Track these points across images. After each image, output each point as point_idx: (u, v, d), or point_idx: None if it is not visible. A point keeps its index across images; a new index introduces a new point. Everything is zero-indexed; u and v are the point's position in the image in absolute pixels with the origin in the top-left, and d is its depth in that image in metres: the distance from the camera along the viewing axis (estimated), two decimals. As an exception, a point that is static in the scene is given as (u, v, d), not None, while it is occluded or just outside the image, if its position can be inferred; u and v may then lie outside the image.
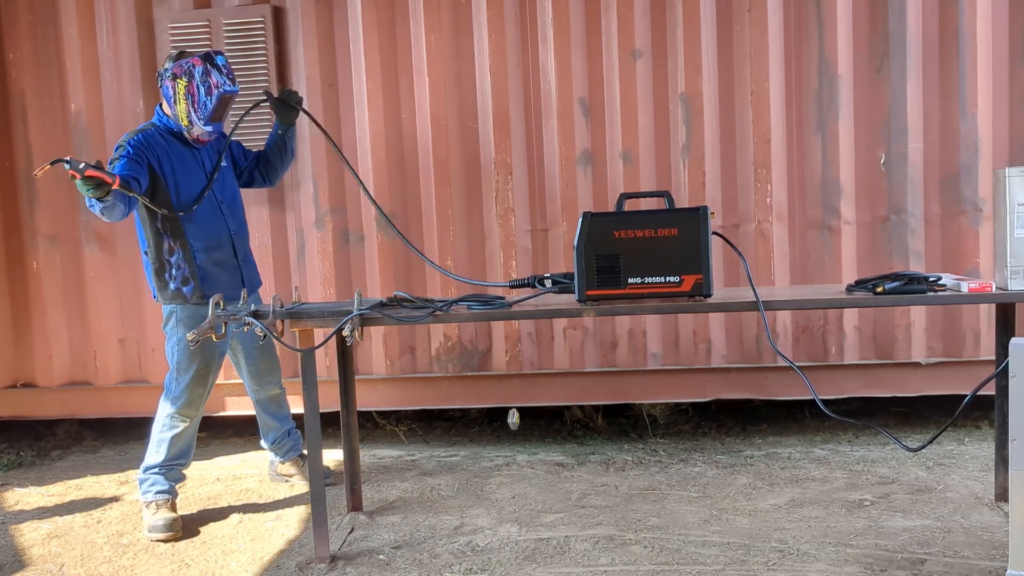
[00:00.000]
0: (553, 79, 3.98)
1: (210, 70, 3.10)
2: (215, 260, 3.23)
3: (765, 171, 3.90)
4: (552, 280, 2.91)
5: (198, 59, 3.11)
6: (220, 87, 3.11)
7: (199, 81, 3.10)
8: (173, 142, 3.20)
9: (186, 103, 3.12)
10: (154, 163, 3.11)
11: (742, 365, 3.99)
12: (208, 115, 3.13)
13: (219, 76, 3.11)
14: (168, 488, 3.22)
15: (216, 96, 3.11)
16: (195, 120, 3.13)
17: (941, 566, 2.54)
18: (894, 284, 2.64)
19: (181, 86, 3.11)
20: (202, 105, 3.12)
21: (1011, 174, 2.55)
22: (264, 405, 3.57)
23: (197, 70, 3.09)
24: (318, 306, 2.88)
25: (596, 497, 3.30)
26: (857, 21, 3.82)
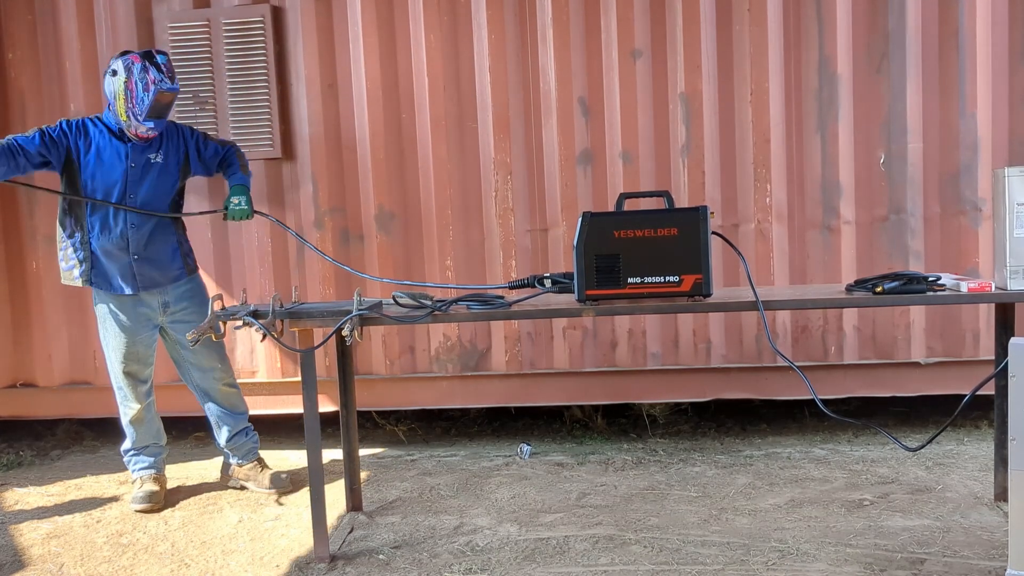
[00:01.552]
0: (553, 79, 3.98)
1: (148, 67, 3.12)
2: (105, 250, 3.29)
3: (765, 171, 3.90)
4: (552, 280, 2.91)
5: (137, 56, 3.14)
6: (157, 84, 3.13)
7: (137, 78, 3.13)
8: (106, 135, 3.25)
9: (124, 99, 3.15)
10: (74, 149, 3.21)
11: (742, 365, 3.99)
12: (145, 111, 3.15)
13: (157, 73, 3.13)
14: (149, 464, 3.49)
15: (152, 92, 3.12)
16: (132, 116, 3.17)
17: (941, 566, 2.55)
18: (893, 284, 2.64)
19: (120, 83, 3.15)
20: (139, 101, 3.14)
21: (1011, 174, 2.55)
22: (214, 398, 3.56)
23: (136, 67, 3.12)
24: (318, 306, 2.88)
25: (596, 497, 3.30)
26: (857, 21, 3.82)
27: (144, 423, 3.50)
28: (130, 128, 3.21)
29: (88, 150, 3.23)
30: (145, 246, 3.33)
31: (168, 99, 3.21)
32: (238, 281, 4.16)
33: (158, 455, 3.55)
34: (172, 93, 3.20)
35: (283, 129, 4.08)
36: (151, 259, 3.36)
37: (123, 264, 3.31)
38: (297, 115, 4.09)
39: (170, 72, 3.18)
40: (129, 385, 3.44)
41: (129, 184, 3.27)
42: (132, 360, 3.41)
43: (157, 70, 3.13)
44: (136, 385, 3.45)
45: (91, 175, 3.24)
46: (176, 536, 3.12)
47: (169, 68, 3.19)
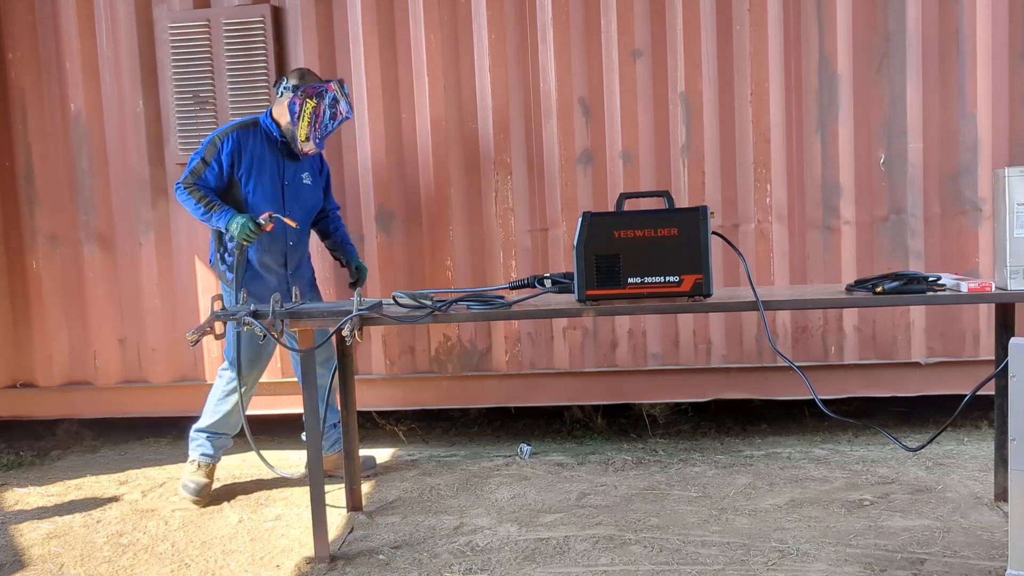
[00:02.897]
0: (553, 79, 3.98)
1: (339, 99, 3.35)
2: (264, 262, 3.43)
3: (765, 171, 3.90)
4: (552, 280, 2.91)
5: (331, 85, 3.34)
6: (344, 115, 3.38)
7: (327, 105, 3.33)
8: (266, 147, 3.39)
9: (308, 122, 3.32)
10: (237, 164, 3.34)
11: (742, 365, 3.99)
12: (324, 136, 3.37)
13: (345, 105, 3.38)
14: (212, 453, 3.48)
15: (338, 122, 3.39)
16: (312, 138, 3.34)
17: (941, 566, 2.55)
18: (894, 284, 2.64)
19: (309, 106, 3.31)
20: (323, 127, 3.36)
21: (1011, 174, 2.55)
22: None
23: (328, 95, 3.33)
24: (317, 306, 2.88)
25: (596, 497, 3.30)
26: (857, 21, 3.82)
27: (234, 414, 3.49)
28: (302, 147, 3.36)
29: (245, 165, 3.36)
30: (298, 263, 3.54)
31: (339, 128, 3.49)
32: (238, 281, 4.15)
33: (222, 447, 3.55)
34: (346, 122, 3.51)
35: (283, 129, 4.08)
36: (300, 275, 3.55)
37: (280, 277, 3.48)
38: (297, 115, 4.09)
39: (349, 100, 3.42)
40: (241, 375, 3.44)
41: (287, 201, 3.43)
42: (257, 358, 3.47)
43: (346, 101, 3.38)
44: (247, 377, 3.48)
45: (252, 189, 3.36)
46: (176, 536, 3.12)
47: (349, 99, 3.43)
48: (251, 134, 3.37)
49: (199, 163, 3.32)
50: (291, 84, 3.34)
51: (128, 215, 4.21)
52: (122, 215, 4.21)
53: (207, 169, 3.32)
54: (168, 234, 4.20)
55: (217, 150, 3.32)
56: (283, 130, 3.37)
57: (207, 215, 3.27)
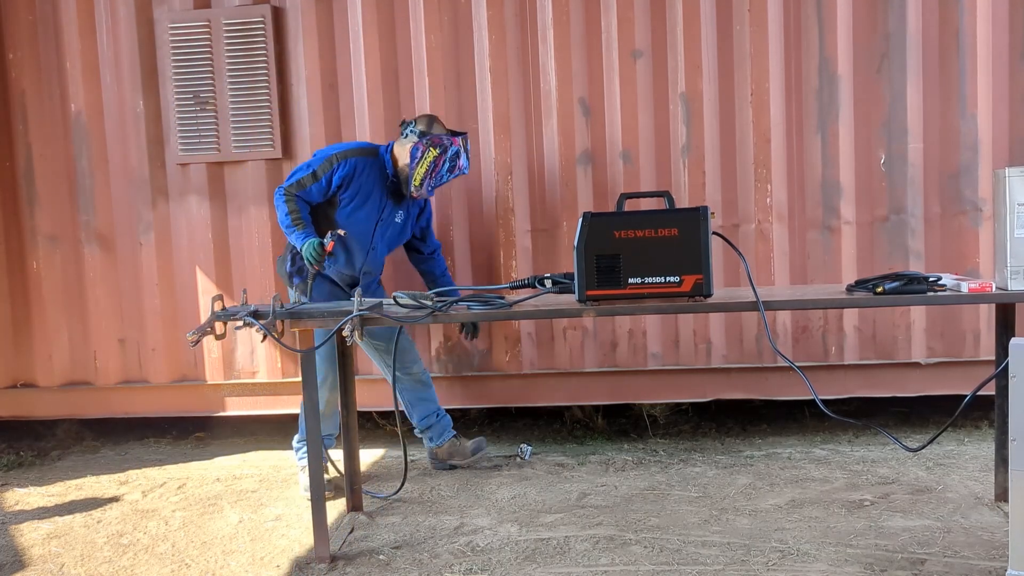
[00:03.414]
0: (553, 79, 3.98)
1: (461, 153, 3.44)
2: (333, 280, 3.53)
3: (765, 171, 3.90)
4: (552, 280, 2.91)
5: (457, 140, 3.43)
6: (462, 169, 3.46)
7: (449, 157, 3.40)
8: (377, 180, 3.47)
9: (426, 170, 3.39)
10: (345, 187, 3.42)
11: (742, 365, 3.99)
12: (433, 185, 3.43)
13: (465, 160, 3.46)
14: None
15: (455, 175, 3.46)
16: (426, 185, 3.42)
17: (941, 566, 2.55)
18: (894, 284, 2.64)
19: (431, 155, 3.39)
20: (439, 177, 3.43)
21: (1011, 174, 2.55)
22: (409, 387, 3.66)
23: (452, 149, 3.41)
24: (318, 306, 2.88)
25: (596, 497, 3.30)
26: (857, 21, 3.82)
27: (328, 417, 3.54)
28: (412, 191, 3.44)
29: (352, 192, 3.44)
30: (368, 286, 3.61)
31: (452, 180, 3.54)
32: (238, 281, 4.15)
33: (328, 446, 3.59)
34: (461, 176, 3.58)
35: (283, 129, 4.08)
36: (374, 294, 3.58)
37: (343, 296, 3.54)
38: (297, 115, 4.09)
39: (468, 156, 3.51)
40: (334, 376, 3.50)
41: (376, 236, 3.52)
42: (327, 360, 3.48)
43: (466, 157, 3.47)
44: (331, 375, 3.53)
45: (347, 216, 3.45)
46: (176, 536, 3.12)
47: (469, 153, 3.53)
48: (368, 164, 3.45)
49: (308, 176, 3.38)
50: (418, 129, 3.42)
51: (128, 215, 4.21)
52: (122, 215, 4.21)
53: (315, 183, 3.38)
54: (168, 234, 4.20)
55: (332, 169, 3.39)
56: (398, 170, 3.45)
57: (290, 228, 3.33)
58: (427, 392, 3.71)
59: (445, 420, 3.74)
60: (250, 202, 4.14)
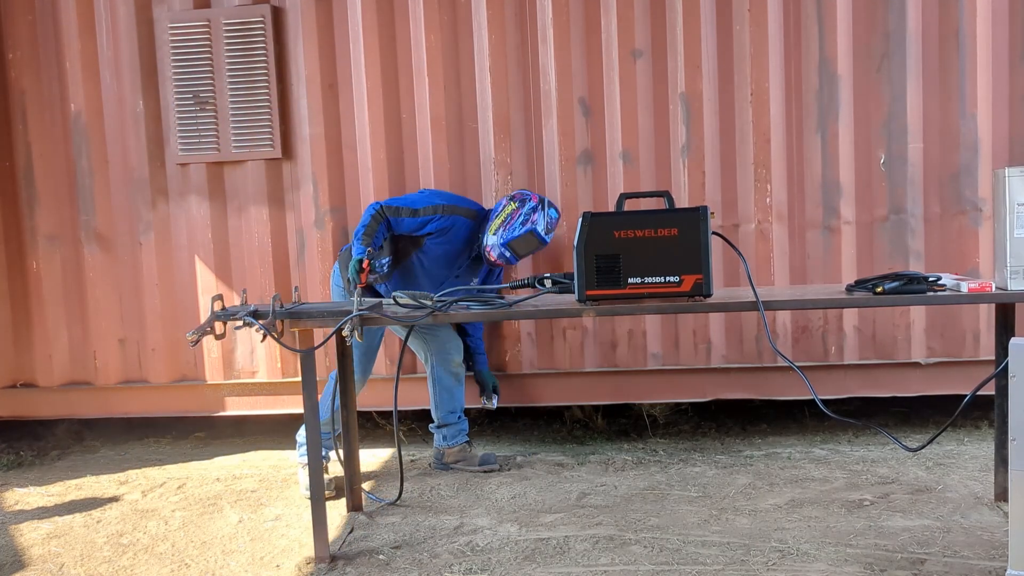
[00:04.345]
0: (553, 79, 3.98)
1: (538, 210, 3.45)
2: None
3: (765, 171, 3.90)
4: (552, 280, 2.91)
5: (537, 197, 3.49)
6: (534, 225, 3.43)
7: (525, 211, 3.44)
8: (467, 240, 3.54)
9: (501, 221, 3.46)
10: (435, 236, 3.47)
11: (742, 365, 3.99)
12: (508, 239, 3.43)
13: (542, 219, 3.44)
14: (324, 452, 3.50)
15: (526, 230, 3.43)
16: (499, 236, 3.44)
17: (941, 566, 2.55)
18: (894, 284, 2.64)
19: (510, 207, 3.47)
20: (511, 231, 3.44)
21: (1011, 174, 2.55)
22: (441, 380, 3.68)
23: (529, 204, 3.46)
24: (318, 306, 2.88)
25: (596, 497, 3.30)
26: (857, 21, 3.82)
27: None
28: (485, 244, 3.48)
29: (437, 242, 3.49)
30: None
31: (530, 244, 3.47)
32: (238, 281, 4.15)
33: (330, 448, 3.56)
34: (538, 241, 3.48)
35: (283, 129, 4.08)
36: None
37: None
38: (297, 115, 4.09)
39: (553, 229, 3.50)
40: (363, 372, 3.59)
41: (444, 287, 3.45)
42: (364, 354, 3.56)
43: (544, 217, 3.45)
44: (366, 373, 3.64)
45: (424, 256, 3.52)
46: (176, 536, 3.12)
47: (555, 225, 3.52)
48: (467, 225, 3.51)
49: (409, 210, 3.43)
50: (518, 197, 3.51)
51: (128, 215, 4.21)
52: (122, 215, 4.21)
53: (411, 219, 3.43)
54: (168, 234, 4.20)
55: (432, 217, 3.45)
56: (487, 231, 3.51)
57: (357, 238, 3.36)
58: (457, 389, 3.71)
59: (463, 423, 3.74)
60: (250, 202, 4.14)
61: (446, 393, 3.70)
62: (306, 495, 3.45)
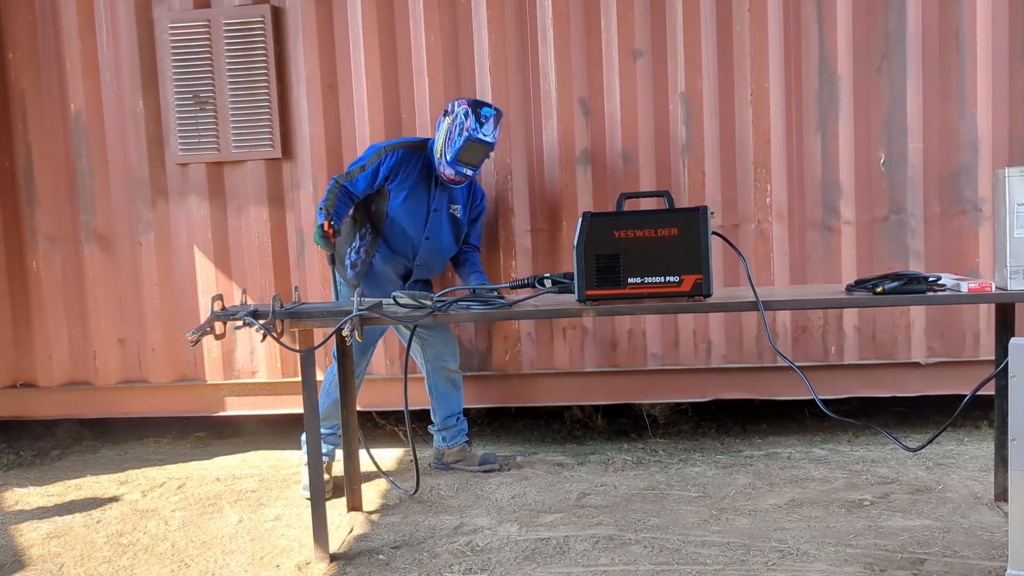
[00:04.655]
0: (553, 79, 3.98)
1: (470, 115, 3.35)
2: (385, 272, 3.58)
3: (765, 171, 3.90)
4: (552, 280, 2.91)
5: (465, 102, 3.39)
6: (471, 131, 3.34)
7: (458, 122, 3.36)
8: (424, 171, 3.49)
9: (443, 140, 3.39)
10: (392, 178, 3.44)
11: (742, 365, 3.99)
12: (454, 154, 3.36)
13: (474, 122, 3.34)
14: (325, 451, 3.56)
15: (464, 139, 3.34)
16: (445, 156, 3.38)
17: (941, 566, 2.55)
18: (894, 284, 2.64)
19: (445, 123, 3.40)
20: (453, 146, 3.36)
21: (1011, 174, 2.55)
22: (439, 384, 3.71)
23: (460, 111, 3.37)
24: (318, 306, 2.88)
25: (596, 497, 3.30)
26: (857, 21, 3.82)
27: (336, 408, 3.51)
28: (439, 168, 3.42)
29: (399, 182, 3.45)
30: (420, 282, 3.64)
31: (478, 150, 3.39)
32: (238, 281, 4.16)
33: (333, 445, 3.61)
34: (482, 145, 3.38)
35: (283, 129, 4.08)
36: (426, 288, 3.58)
37: (396, 286, 3.57)
38: (297, 115, 4.10)
39: (489, 125, 3.38)
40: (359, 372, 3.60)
41: (429, 227, 3.52)
42: (358, 351, 3.54)
43: (476, 119, 3.35)
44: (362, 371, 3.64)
45: (397, 207, 3.48)
46: (176, 536, 3.12)
47: (490, 121, 3.38)
48: (416, 155, 3.48)
49: (358, 167, 3.45)
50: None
51: (128, 215, 4.21)
52: (122, 215, 4.21)
53: (363, 173, 3.43)
54: (168, 234, 4.20)
55: (380, 160, 3.44)
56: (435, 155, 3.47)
57: (319, 212, 3.37)
58: (454, 394, 3.73)
59: (462, 424, 3.76)
60: (250, 202, 4.14)
61: (443, 399, 3.72)
62: (304, 495, 3.45)
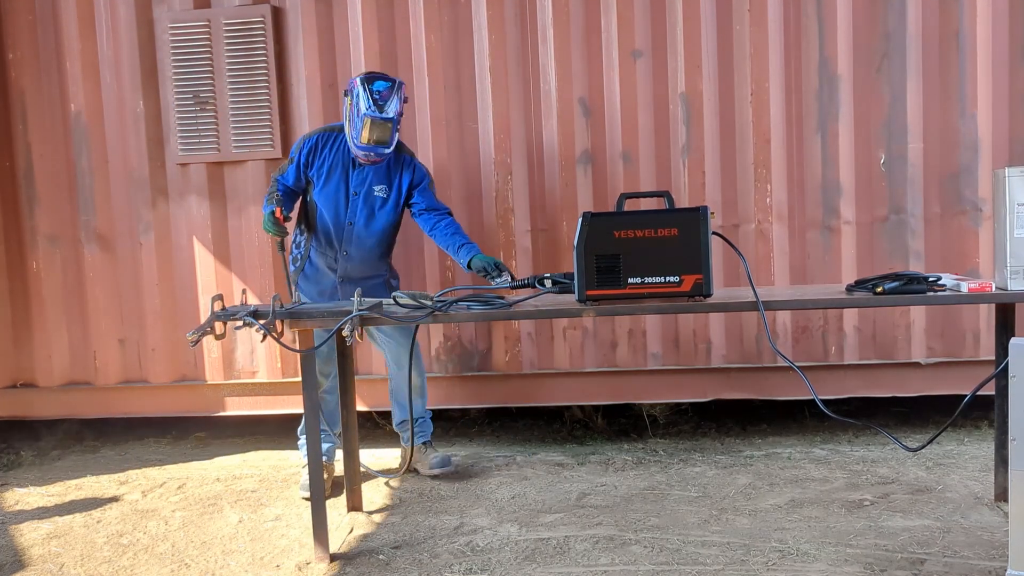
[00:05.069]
0: (553, 79, 3.98)
1: (362, 94, 3.19)
2: (318, 265, 3.50)
3: (765, 171, 3.90)
4: (552, 280, 2.91)
5: (359, 79, 3.23)
6: (367, 111, 3.18)
7: (355, 102, 3.22)
8: (341, 154, 3.40)
9: (347, 122, 3.29)
10: (310, 164, 3.39)
11: (742, 365, 3.99)
12: (356, 137, 3.24)
13: (367, 100, 3.18)
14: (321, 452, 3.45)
15: (361, 119, 3.20)
16: (352, 138, 3.27)
17: (941, 566, 2.55)
18: (894, 284, 2.64)
19: (347, 103, 3.27)
20: (354, 126, 3.24)
21: (1011, 174, 2.55)
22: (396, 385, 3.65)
23: (355, 91, 3.22)
24: (318, 306, 2.88)
25: (596, 497, 3.30)
26: (857, 21, 3.82)
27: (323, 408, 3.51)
28: (353, 150, 3.32)
29: (317, 167, 3.39)
30: (355, 273, 3.49)
31: (380, 127, 3.22)
32: (239, 281, 4.16)
33: (329, 444, 3.58)
34: (381, 122, 3.20)
35: (283, 129, 4.08)
36: (359, 284, 3.38)
37: (330, 282, 3.49)
38: (297, 115, 4.10)
39: (382, 100, 3.19)
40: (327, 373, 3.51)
41: (350, 211, 3.42)
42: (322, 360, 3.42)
43: (370, 97, 3.18)
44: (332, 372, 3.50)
45: (319, 193, 3.41)
46: (176, 536, 3.12)
47: (383, 96, 3.20)
48: (331, 138, 3.41)
49: (286, 161, 3.43)
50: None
51: (128, 215, 4.21)
52: (122, 215, 4.22)
53: (291, 165, 3.40)
54: (168, 234, 4.20)
55: (299, 148, 3.40)
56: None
57: (264, 205, 3.32)
58: (419, 399, 3.64)
59: (425, 424, 3.70)
60: (250, 202, 4.13)
61: (398, 406, 3.69)
62: (303, 495, 3.44)
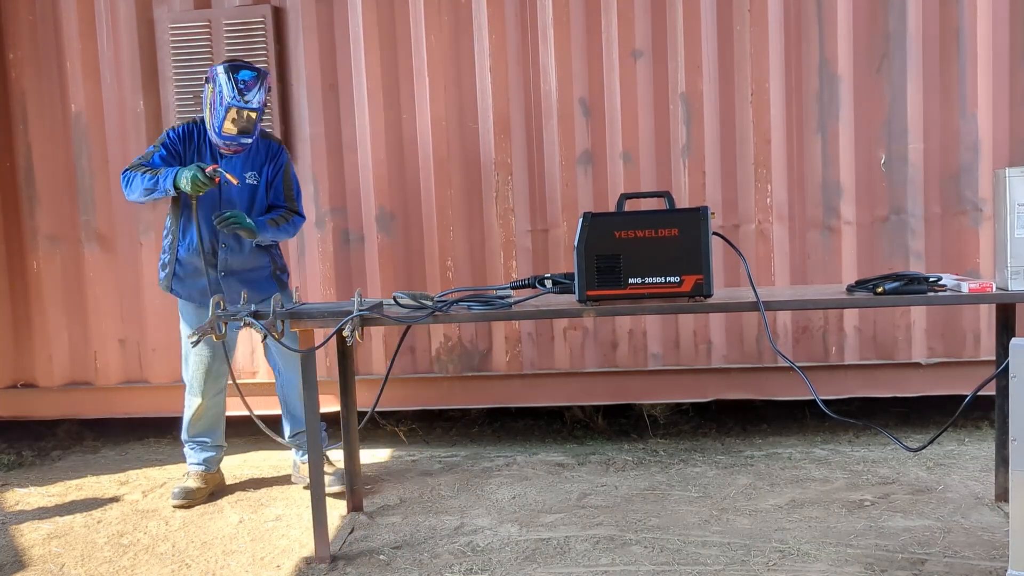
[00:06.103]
0: (553, 79, 3.98)
1: (228, 81, 3.08)
2: (190, 261, 3.31)
3: (765, 171, 3.90)
4: (552, 280, 2.91)
5: (221, 67, 3.12)
6: (231, 99, 3.08)
7: (217, 90, 3.11)
8: (205, 144, 3.28)
9: (208, 111, 3.17)
10: (183, 153, 3.24)
11: (742, 365, 3.99)
12: (217, 126, 3.15)
13: (233, 89, 3.07)
14: (199, 460, 3.50)
15: (224, 108, 3.10)
16: (213, 129, 3.18)
17: (941, 566, 2.55)
18: (894, 284, 2.64)
19: (208, 92, 3.16)
20: (215, 114, 3.14)
21: (1011, 174, 2.55)
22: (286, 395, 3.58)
23: (218, 78, 3.10)
24: (318, 306, 2.88)
25: (596, 497, 3.30)
26: (857, 21, 3.82)
27: (203, 416, 3.49)
28: (213, 141, 3.22)
29: (188, 157, 3.25)
30: (237, 265, 3.33)
31: (244, 117, 3.13)
32: (238, 281, 4.15)
33: (209, 453, 3.53)
34: (241, 110, 3.11)
35: (283, 129, 4.08)
36: (242, 278, 3.33)
37: (210, 279, 3.25)
38: (297, 115, 4.10)
39: (246, 88, 3.09)
40: (203, 381, 3.42)
41: (223, 201, 3.25)
42: (216, 359, 3.40)
43: (234, 86, 3.07)
44: (208, 381, 3.43)
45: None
46: (177, 536, 3.12)
47: (246, 84, 3.09)
48: (195, 129, 3.28)
49: (149, 151, 3.25)
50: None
51: (128, 215, 4.21)
52: (122, 215, 4.22)
53: (156, 152, 3.22)
54: (168, 234, 4.20)
55: (168, 136, 3.25)
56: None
57: (153, 181, 3.09)
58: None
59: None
60: (250, 202, 4.13)
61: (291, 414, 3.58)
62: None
